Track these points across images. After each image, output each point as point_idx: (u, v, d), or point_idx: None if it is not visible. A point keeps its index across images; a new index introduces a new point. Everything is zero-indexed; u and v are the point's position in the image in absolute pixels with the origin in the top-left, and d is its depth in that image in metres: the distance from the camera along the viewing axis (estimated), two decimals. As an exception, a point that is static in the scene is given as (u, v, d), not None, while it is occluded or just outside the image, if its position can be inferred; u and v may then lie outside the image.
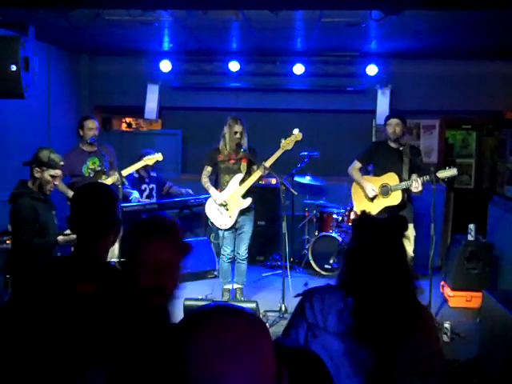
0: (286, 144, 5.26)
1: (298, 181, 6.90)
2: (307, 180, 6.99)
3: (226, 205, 5.35)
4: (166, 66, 7.24)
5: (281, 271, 5.53)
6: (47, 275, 1.90)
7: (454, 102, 7.27)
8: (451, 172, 4.97)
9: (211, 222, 5.51)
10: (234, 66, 7.17)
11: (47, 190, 4.04)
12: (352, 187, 5.53)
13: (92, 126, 5.59)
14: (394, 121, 5.23)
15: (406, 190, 5.17)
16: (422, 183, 5.01)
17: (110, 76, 7.51)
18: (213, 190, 5.42)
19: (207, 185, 5.45)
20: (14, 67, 4.23)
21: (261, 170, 5.27)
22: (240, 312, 1.09)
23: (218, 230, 5.51)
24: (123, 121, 8.96)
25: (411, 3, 4.21)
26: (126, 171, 5.61)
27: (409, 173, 5.22)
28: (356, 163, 5.45)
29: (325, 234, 6.77)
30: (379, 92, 7.15)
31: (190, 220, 7.36)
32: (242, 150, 5.30)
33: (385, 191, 5.23)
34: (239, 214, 5.38)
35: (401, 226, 2.00)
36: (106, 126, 8.00)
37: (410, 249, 5.24)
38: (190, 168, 7.50)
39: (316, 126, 7.20)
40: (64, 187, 5.38)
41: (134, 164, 5.81)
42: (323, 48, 6.83)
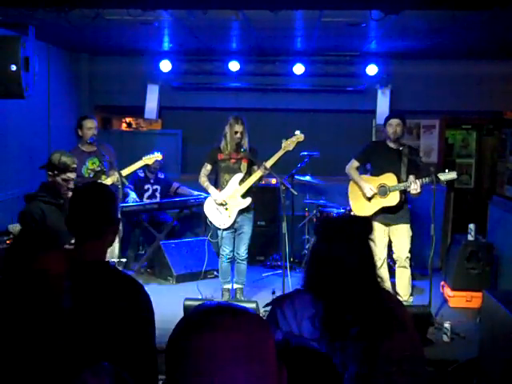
0: (288, 145, 5.26)
1: (298, 180, 6.90)
2: (307, 180, 6.98)
3: (225, 204, 5.35)
4: (166, 66, 7.24)
5: (281, 271, 5.53)
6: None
7: (454, 102, 7.27)
8: (451, 175, 5.05)
9: (210, 222, 5.50)
10: (234, 65, 7.17)
11: (63, 194, 3.94)
12: (349, 186, 5.52)
13: (91, 126, 5.58)
14: (394, 121, 5.22)
15: (403, 191, 5.17)
16: (421, 185, 5.02)
17: (110, 76, 7.50)
18: (212, 190, 5.41)
19: (206, 184, 5.44)
20: (13, 67, 4.23)
21: (261, 170, 5.26)
22: (241, 312, 1.08)
23: (217, 230, 5.51)
24: (123, 121, 8.96)
25: (411, 3, 4.21)
26: (126, 171, 5.62)
27: (407, 173, 5.21)
28: (354, 162, 5.43)
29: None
30: (379, 92, 7.15)
31: (190, 220, 7.36)
32: (243, 149, 5.30)
33: (383, 191, 5.22)
34: (238, 214, 5.37)
35: (364, 226, 1.98)
36: (105, 126, 8.01)
37: (406, 249, 5.24)
38: (190, 168, 7.50)
39: (316, 126, 7.20)
40: None
41: (133, 164, 5.81)
42: (323, 48, 6.82)
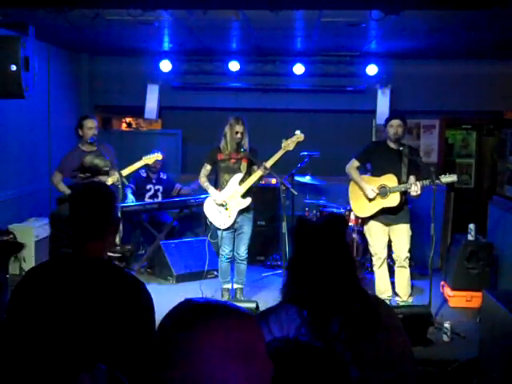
0: (288, 144, 5.26)
1: (298, 180, 6.89)
2: (307, 180, 6.98)
3: (225, 204, 5.35)
4: (166, 65, 7.24)
5: (281, 271, 5.53)
6: (46, 276, 1.89)
7: (454, 102, 7.27)
8: (451, 178, 5.09)
9: (210, 222, 5.50)
10: (234, 65, 7.17)
11: None
12: (349, 186, 5.52)
13: (91, 126, 5.58)
14: (396, 122, 5.22)
15: (404, 192, 5.17)
16: (421, 187, 5.03)
17: (110, 76, 7.51)
18: (212, 190, 5.41)
19: (206, 184, 5.44)
20: (14, 67, 4.23)
21: (261, 170, 5.26)
22: (232, 311, 1.08)
23: (217, 230, 5.50)
24: (123, 121, 8.96)
25: (411, 3, 4.20)
26: (126, 171, 5.62)
27: (407, 174, 5.22)
28: (354, 162, 5.43)
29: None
30: (379, 92, 7.15)
31: (190, 220, 7.36)
32: (243, 149, 5.30)
33: (383, 192, 5.23)
34: (238, 214, 5.37)
35: (339, 224, 1.94)
36: (105, 126, 8.00)
37: (406, 248, 5.24)
38: (190, 168, 7.50)
39: (316, 126, 7.20)
40: (64, 188, 5.38)
41: (133, 164, 5.81)
42: (323, 48, 6.82)
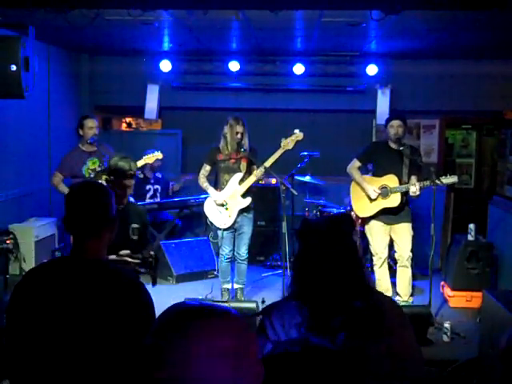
0: (287, 143, 5.26)
1: (298, 180, 6.89)
2: (307, 180, 6.98)
3: (225, 204, 5.34)
4: (166, 65, 7.24)
5: (281, 271, 5.53)
6: (45, 277, 1.89)
7: (454, 102, 7.27)
8: (452, 179, 5.11)
9: (210, 222, 5.50)
10: (234, 65, 7.16)
11: (120, 201, 3.60)
12: (351, 186, 5.53)
13: (92, 126, 5.58)
14: (396, 122, 5.23)
15: (405, 192, 5.18)
16: (420, 188, 5.05)
17: (110, 76, 7.51)
18: (212, 190, 5.41)
19: (206, 184, 5.43)
20: (14, 67, 4.23)
21: (261, 170, 5.26)
22: (224, 313, 1.07)
23: (217, 230, 5.50)
24: (123, 121, 8.96)
25: (411, 3, 4.20)
26: None
27: (408, 175, 5.23)
28: (355, 162, 5.44)
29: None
30: (379, 92, 7.15)
31: (190, 220, 7.36)
32: (243, 149, 5.30)
33: (384, 193, 5.24)
34: (238, 214, 5.37)
35: (345, 223, 1.94)
36: (105, 126, 8.00)
37: (408, 248, 5.25)
38: (190, 168, 7.49)
39: (316, 126, 7.20)
40: (65, 189, 5.38)
41: None
42: (323, 48, 6.82)
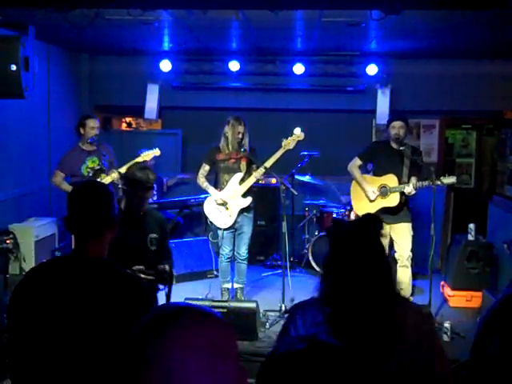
0: (288, 144, 5.25)
1: (298, 180, 6.90)
2: (307, 179, 6.99)
3: (225, 204, 5.34)
4: (166, 65, 7.24)
5: (281, 271, 5.53)
6: (46, 276, 1.89)
7: (454, 101, 7.27)
8: (451, 180, 5.12)
9: (210, 222, 5.50)
10: (234, 65, 7.17)
11: (138, 211, 3.52)
12: (351, 185, 5.54)
13: (93, 126, 5.59)
14: (398, 123, 5.24)
15: (403, 192, 5.20)
16: (416, 188, 5.09)
17: (110, 76, 7.51)
18: (212, 190, 5.40)
19: (205, 184, 5.42)
20: (14, 67, 4.23)
21: (261, 170, 5.26)
22: (207, 314, 1.07)
23: (218, 230, 5.50)
24: (123, 121, 8.97)
25: (411, 3, 4.20)
26: (124, 168, 5.60)
27: (409, 175, 5.24)
28: (356, 160, 5.45)
29: (325, 233, 6.78)
30: (379, 92, 7.15)
31: (190, 220, 7.36)
32: (243, 149, 5.30)
33: (383, 192, 5.25)
34: (239, 214, 5.37)
35: (374, 225, 1.93)
36: (105, 126, 8.01)
37: (408, 247, 5.25)
38: (190, 168, 7.50)
39: (316, 126, 7.19)
40: (67, 187, 5.39)
41: (131, 160, 5.79)
42: (323, 48, 6.82)
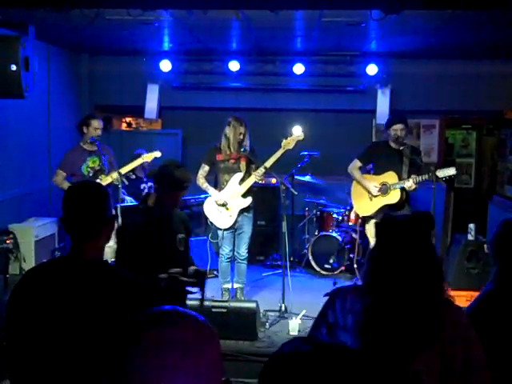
0: (287, 144, 5.26)
1: (298, 180, 6.90)
2: (307, 179, 6.99)
3: (226, 204, 5.34)
4: (166, 65, 7.24)
5: (281, 271, 5.53)
6: (44, 277, 1.89)
7: (454, 102, 7.28)
8: (450, 171, 5.05)
9: (210, 222, 5.50)
10: (234, 65, 7.17)
11: (169, 210, 3.43)
12: (352, 186, 5.55)
13: (98, 126, 5.63)
14: (399, 126, 5.25)
15: (405, 189, 5.21)
16: (416, 183, 5.08)
17: (110, 76, 7.51)
18: (213, 190, 5.40)
19: (205, 185, 5.41)
20: (14, 67, 4.23)
21: (261, 170, 5.26)
22: (181, 317, 1.06)
23: (218, 230, 5.50)
24: (123, 120, 8.97)
25: (411, 3, 4.21)
26: (125, 169, 5.61)
27: (408, 174, 5.24)
28: (356, 162, 5.46)
29: (325, 233, 6.77)
30: (379, 92, 7.15)
31: (190, 220, 7.35)
32: (243, 150, 5.30)
33: (384, 189, 5.26)
34: (239, 214, 5.37)
35: (426, 223, 1.91)
36: (106, 126, 8.00)
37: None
38: (190, 168, 7.40)
39: (316, 126, 7.20)
40: (67, 186, 5.40)
41: (132, 162, 5.80)
42: (323, 48, 6.82)
